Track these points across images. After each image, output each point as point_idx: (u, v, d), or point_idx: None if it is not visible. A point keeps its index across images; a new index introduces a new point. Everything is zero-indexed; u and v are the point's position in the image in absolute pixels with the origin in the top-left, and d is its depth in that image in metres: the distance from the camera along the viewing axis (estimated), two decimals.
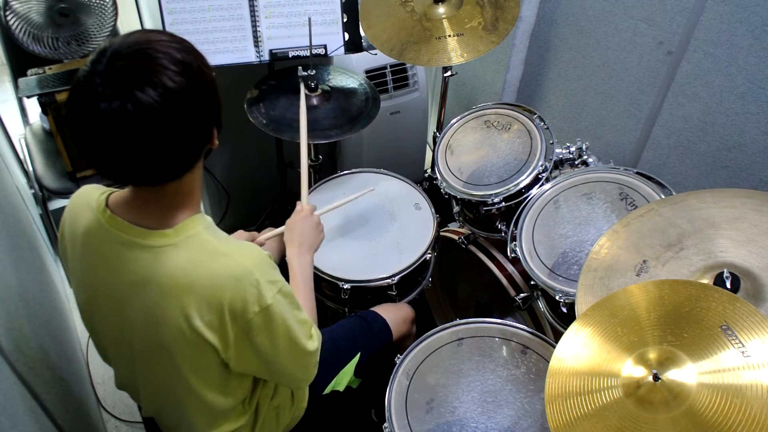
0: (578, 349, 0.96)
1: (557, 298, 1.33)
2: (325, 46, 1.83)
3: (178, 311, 0.93)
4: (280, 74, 1.89)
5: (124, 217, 0.95)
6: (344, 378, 1.38)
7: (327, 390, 1.35)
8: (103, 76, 0.81)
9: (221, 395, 1.07)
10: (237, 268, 0.94)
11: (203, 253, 0.95)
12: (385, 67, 2.19)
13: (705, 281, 1.02)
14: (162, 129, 0.83)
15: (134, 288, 0.96)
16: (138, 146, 0.83)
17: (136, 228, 0.94)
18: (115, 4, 1.98)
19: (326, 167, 2.44)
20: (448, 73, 1.87)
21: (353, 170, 1.86)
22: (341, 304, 1.61)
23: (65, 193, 1.99)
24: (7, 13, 1.82)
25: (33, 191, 2.17)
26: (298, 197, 1.77)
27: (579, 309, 1.12)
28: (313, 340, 1.09)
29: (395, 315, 1.52)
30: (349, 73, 1.95)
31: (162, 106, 0.82)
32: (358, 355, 1.40)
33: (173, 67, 0.83)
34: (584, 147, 1.61)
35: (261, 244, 1.47)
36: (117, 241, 0.95)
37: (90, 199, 1.00)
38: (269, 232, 1.50)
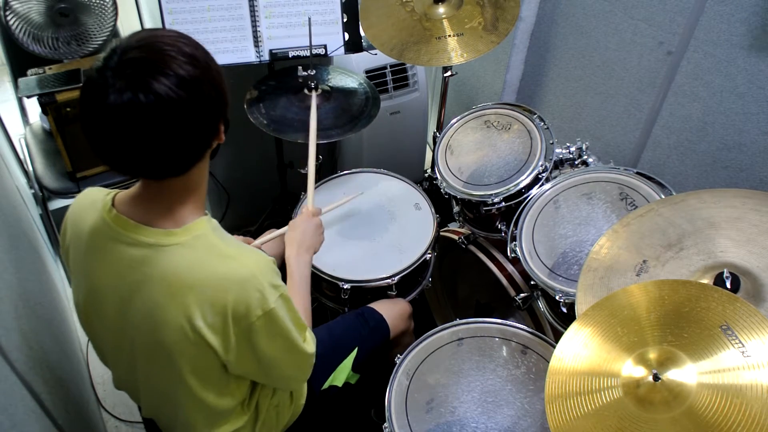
0: (578, 349, 0.96)
1: (557, 298, 1.33)
2: (325, 46, 1.83)
3: (180, 311, 0.93)
4: (280, 74, 1.89)
5: (130, 216, 0.96)
6: (342, 373, 1.38)
7: (325, 385, 1.35)
8: (115, 70, 0.82)
9: (220, 396, 1.07)
10: (242, 271, 0.95)
11: (210, 254, 0.95)
12: (385, 67, 2.19)
13: (705, 281, 1.02)
14: (175, 117, 0.85)
15: (138, 286, 0.96)
16: (152, 136, 0.85)
17: (142, 227, 0.95)
18: (115, 4, 1.98)
19: (326, 167, 2.44)
20: (448, 73, 1.87)
21: (353, 170, 1.86)
22: (341, 304, 1.61)
23: (65, 193, 1.99)
24: (7, 13, 1.82)
25: (33, 191, 2.17)
26: (298, 197, 1.77)
27: (579, 309, 1.12)
28: (308, 343, 1.10)
29: (392, 310, 1.53)
30: (349, 73, 1.95)
31: (176, 94, 0.83)
32: (356, 350, 1.41)
33: (182, 57, 0.85)
34: (584, 147, 1.61)
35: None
36: (122, 241, 0.96)
37: (95, 199, 1.01)
38: (264, 236, 1.50)
